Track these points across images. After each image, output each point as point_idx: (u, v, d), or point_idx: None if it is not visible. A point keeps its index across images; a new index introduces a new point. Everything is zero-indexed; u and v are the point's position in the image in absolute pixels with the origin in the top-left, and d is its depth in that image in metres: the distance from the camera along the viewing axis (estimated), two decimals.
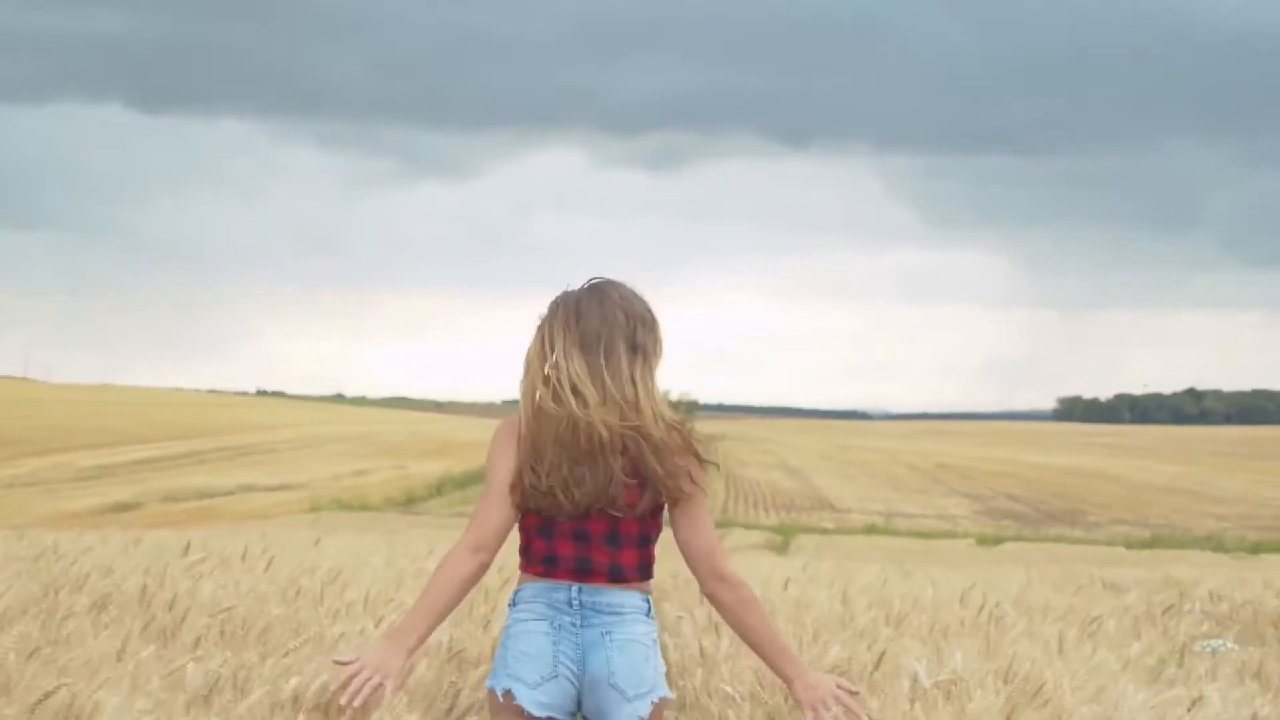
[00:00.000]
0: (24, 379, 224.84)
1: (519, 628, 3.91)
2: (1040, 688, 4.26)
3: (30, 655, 3.72)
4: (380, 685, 3.77)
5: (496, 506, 3.92)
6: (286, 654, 4.17)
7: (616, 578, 3.91)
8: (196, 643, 4.61)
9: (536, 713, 3.84)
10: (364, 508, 70.67)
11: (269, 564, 6.76)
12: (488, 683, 3.93)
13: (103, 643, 4.04)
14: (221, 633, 4.74)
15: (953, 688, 4.32)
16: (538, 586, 3.93)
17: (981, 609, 6.45)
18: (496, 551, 3.96)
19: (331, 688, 3.86)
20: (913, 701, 4.16)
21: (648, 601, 3.99)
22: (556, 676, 3.86)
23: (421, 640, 3.93)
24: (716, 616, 5.31)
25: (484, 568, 3.96)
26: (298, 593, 6.00)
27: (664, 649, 4.49)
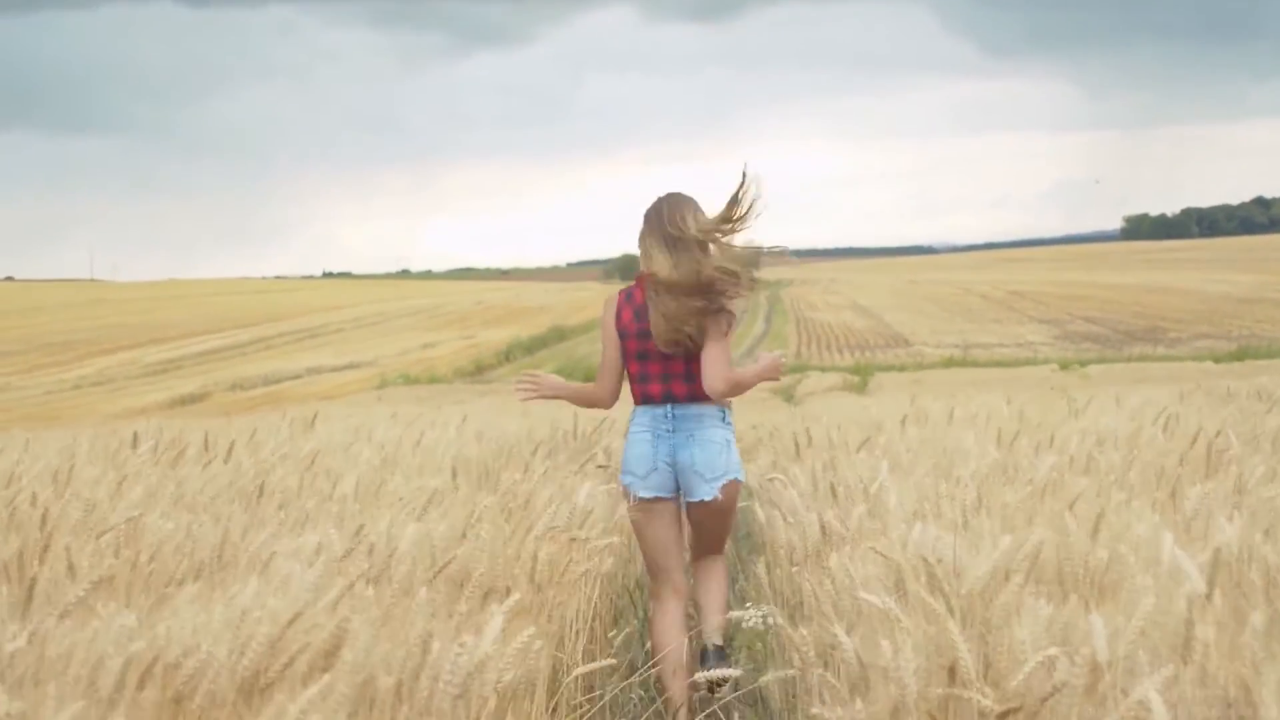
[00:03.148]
0: (91, 281, 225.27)
1: (632, 438, 5.65)
2: None
3: None
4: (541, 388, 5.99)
5: (610, 369, 5.77)
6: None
7: (693, 398, 5.56)
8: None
9: (645, 495, 5.56)
10: (433, 380, 69.63)
11: (228, 454, 5.04)
12: (620, 478, 5.70)
13: None
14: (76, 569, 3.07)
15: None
16: (642, 409, 5.65)
17: (1196, 440, 4.65)
18: (618, 390, 5.78)
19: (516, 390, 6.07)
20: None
21: (723, 411, 5.61)
22: (656, 469, 5.54)
23: (560, 396, 6.00)
24: (833, 477, 5.73)
25: (610, 403, 5.81)
26: (259, 491, 4.36)
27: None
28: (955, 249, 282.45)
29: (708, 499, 5.47)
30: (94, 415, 55.55)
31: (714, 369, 5.45)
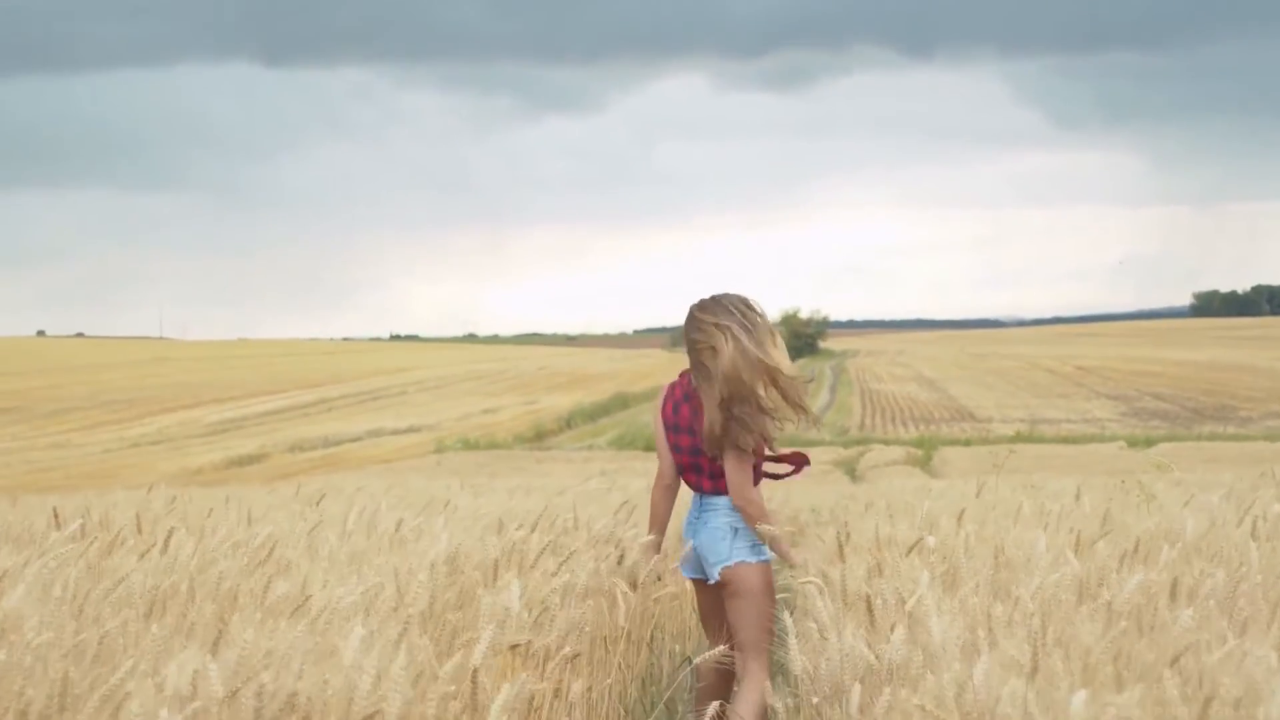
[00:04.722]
0: (160, 339, 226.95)
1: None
2: None
3: None
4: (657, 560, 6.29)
5: (663, 453, 6.10)
6: None
7: (715, 491, 5.94)
8: None
9: (686, 574, 6.17)
10: (492, 446, 69.13)
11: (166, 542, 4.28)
12: None
13: None
14: None
15: None
16: (693, 495, 6.13)
17: None
18: (678, 478, 6.11)
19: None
20: None
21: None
22: (690, 555, 6.04)
23: (661, 538, 6.30)
24: (867, 589, 4.99)
25: (673, 490, 6.19)
26: (171, 591, 3.60)
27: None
28: (1023, 323, 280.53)
29: (709, 582, 5.92)
30: (150, 475, 55.27)
31: (733, 490, 5.79)
